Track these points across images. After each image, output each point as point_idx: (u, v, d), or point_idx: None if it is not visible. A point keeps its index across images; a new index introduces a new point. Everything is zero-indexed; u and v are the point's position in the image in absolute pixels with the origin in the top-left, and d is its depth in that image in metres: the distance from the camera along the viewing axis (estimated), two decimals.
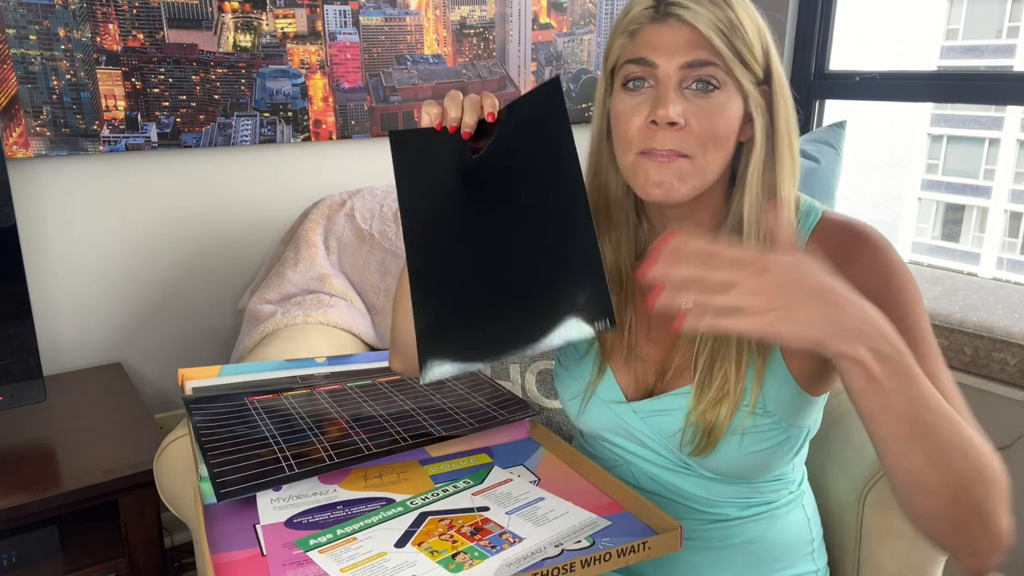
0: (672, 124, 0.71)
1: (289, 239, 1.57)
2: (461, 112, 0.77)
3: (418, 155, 0.80)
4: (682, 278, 0.55)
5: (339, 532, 0.72)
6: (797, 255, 0.57)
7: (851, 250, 0.75)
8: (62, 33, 1.39)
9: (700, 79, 0.72)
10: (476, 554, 0.68)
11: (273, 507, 0.77)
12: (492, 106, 0.78)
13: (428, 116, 0.78)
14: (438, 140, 0.79)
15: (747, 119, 0.75)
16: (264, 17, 1.57)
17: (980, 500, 0.61)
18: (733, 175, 0.79)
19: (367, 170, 1.77)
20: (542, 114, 0.75)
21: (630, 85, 0.75)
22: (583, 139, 0.87)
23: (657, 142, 0.72)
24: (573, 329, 0.68)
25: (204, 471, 0.79)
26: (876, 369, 0.57)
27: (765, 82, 0.75)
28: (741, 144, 0.77)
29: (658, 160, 0.73)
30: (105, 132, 1.46)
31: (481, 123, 0.78)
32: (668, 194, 0.74)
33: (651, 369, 0.84)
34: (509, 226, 0.75)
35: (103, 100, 1.45)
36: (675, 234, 0.56)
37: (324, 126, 1.69)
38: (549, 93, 0.75)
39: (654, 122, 0.72)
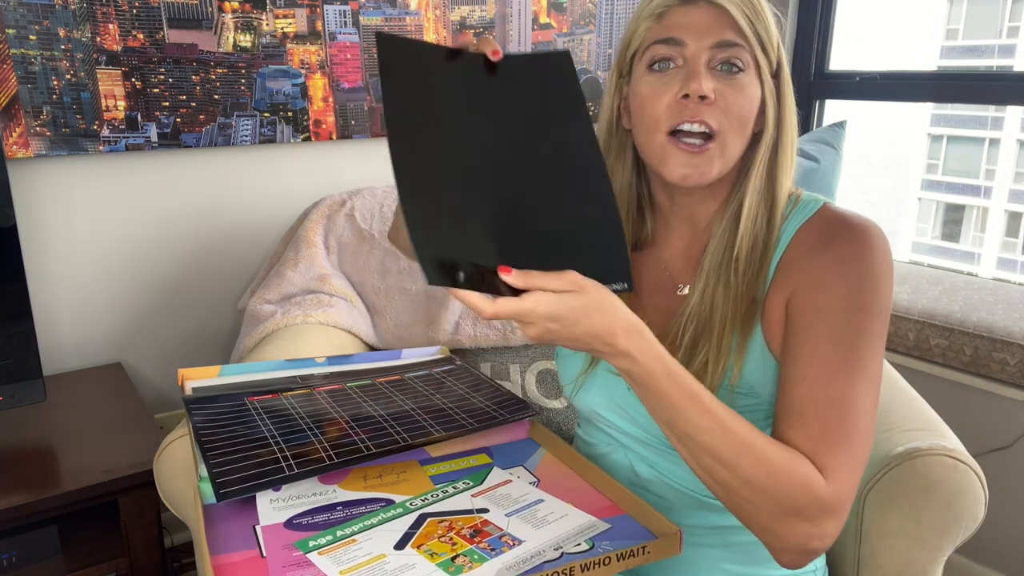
0: (703, 98, 0.74)
1: (289, 239, 1.57)
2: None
3: (413, 69, 0.68)
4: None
5: (339, 533, 0.72)
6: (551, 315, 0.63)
7: (831, 239, 0.77)
8: (62, 33, 1.39)
9: (727, 60, 0.75)
10: (476, 557, 0.68)
11: (273, 507, 0.77)
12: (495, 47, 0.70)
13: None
14: (434, 61, 0.69)
15: (761, 108, 0.78)
16: (264, 17, 1.57)
17: (748, 504, 0.67)
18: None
19: (367, 170, 1.77)
20: (551, 90, 0.70)
21: (656, 67, 0.77)
22: None
23: (688, 114, 0.74)
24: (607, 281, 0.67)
25: (204, 471, 0.79)
26: (632, 383, 0.68)
27: (775, 76, 0.79)
28: (753, 132, 0.80)
29: (688, 150, 0.75)
30: (105, 132, 1.46)
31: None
32: (698, 179, 0.77)
33: None
34: (520, 172, 0.69)
35: (103, 100, 1.45)
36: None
37: (324, 126, 1.69)
38: (559, 68, 0.69)
39: (686, 96, 0.74)
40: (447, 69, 0.70)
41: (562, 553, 0.68)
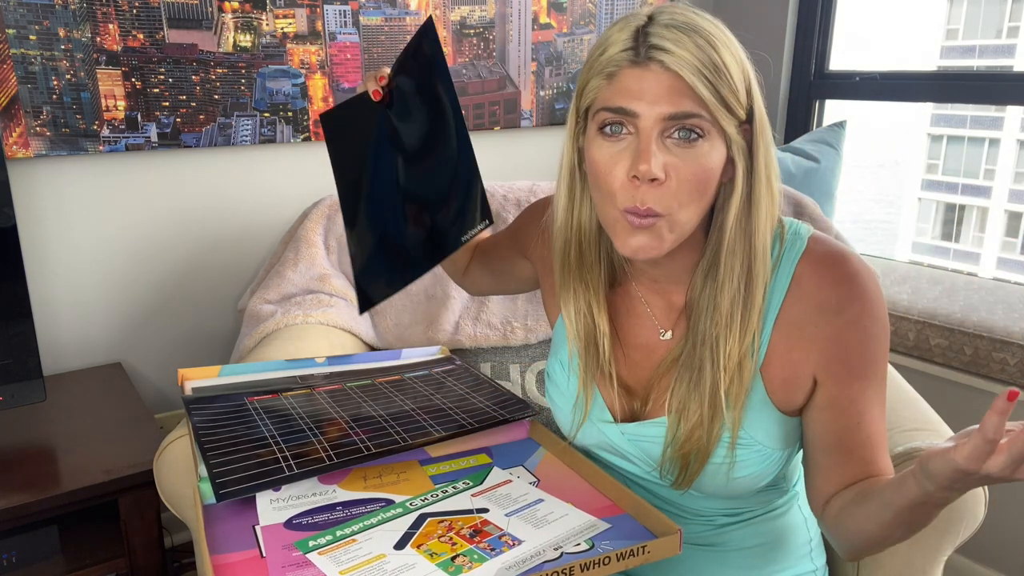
0: (653, 180, 0.68)
1: (289, 239, 1.57)
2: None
3: (344, 125, 0.94)
4: None
5: (338, 533, 0.72)
6: None
7: (841, 299, 0.74)
8: (62, 33, 1.39)
9: (683, 128, 0.68)
10: (475, 556, 0.68)
11: (272, 507, 0.77)
12: (382, 74, 0.86)
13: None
14: (358, 108, 0.90)
15: (728, 162, 0.72)
16: (264, 17, 1.57)
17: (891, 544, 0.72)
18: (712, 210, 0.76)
19: None
20: (426, 59, 0.83)
21: (607, 131, 0.71)
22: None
23: (639, 197, 0.69)
24: (466, 230, 0.81)
25: (204, 471, 0.79)
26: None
27: (747, 121, 0.72)
28: (721, 184, 0.74)
29: (637, 226, 0.70)
30: (105, 132, 1.46)
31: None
32: (649, 254, 0.72)
33: (635, 393, 0.84)
34: (417, 163, 0.85)
35: (103, 100, 1.45)
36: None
37: None
38: (425, 36, 0.83)
39: (635, 176, 0.69)
40: (374, 112, 0.88)
41: (562, 553, 0.68)
